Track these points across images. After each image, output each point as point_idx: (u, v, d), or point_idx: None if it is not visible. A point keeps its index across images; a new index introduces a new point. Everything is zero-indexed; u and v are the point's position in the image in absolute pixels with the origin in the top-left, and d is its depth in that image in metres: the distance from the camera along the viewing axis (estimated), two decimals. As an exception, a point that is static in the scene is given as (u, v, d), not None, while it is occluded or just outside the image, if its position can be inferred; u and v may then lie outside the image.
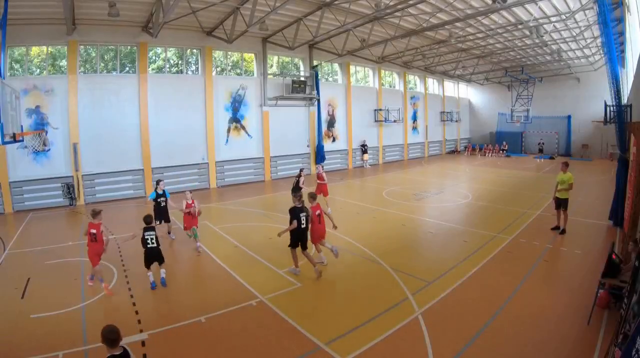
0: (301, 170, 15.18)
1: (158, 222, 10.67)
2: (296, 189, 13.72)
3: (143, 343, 6.03)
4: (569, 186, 11.24)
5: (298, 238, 8.66)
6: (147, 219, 8.32)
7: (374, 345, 5.90)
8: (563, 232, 11.46)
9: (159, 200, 11.26)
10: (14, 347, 5.90)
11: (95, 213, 8.17)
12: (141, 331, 6.38)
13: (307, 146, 25.42)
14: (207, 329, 6.48)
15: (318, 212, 9.00)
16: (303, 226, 8.64)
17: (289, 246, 8.74)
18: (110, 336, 3.78)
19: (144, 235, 8.17)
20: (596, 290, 6.67)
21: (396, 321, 6.57)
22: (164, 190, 11.36)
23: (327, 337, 6.13)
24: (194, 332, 6.35)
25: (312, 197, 9.20)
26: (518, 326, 6.37)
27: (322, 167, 15.13)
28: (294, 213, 8.58)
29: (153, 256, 8.23)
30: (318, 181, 14.56)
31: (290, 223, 8.52)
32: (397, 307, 7.10)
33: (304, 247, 8.74)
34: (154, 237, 8.19)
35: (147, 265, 8.24)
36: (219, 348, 5.98)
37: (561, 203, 11.42)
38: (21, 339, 6.14)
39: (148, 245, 8.16)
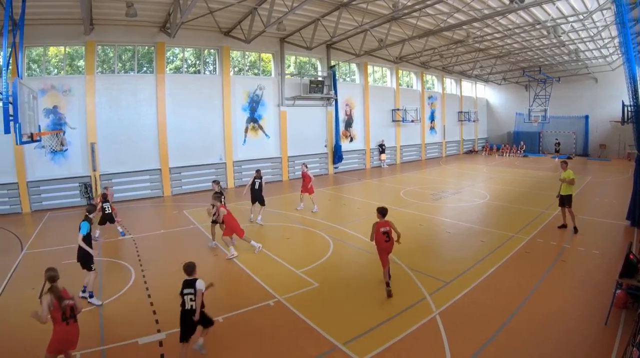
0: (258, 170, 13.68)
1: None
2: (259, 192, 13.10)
3: (160, 343, 5.95)
4: (570, 181, 11.37)
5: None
6: (102, 193, 12.18)
7: (392, 345, 5.86)
8: (575, 230, 11.32)
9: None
10: (31, 346, 5.85)
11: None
12: (159, 331, 6.30)
13: (325, 146, 25.23)
14: (225, 329, 6.37)
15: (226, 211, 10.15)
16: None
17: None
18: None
19: (102, 206, 11.41)
20: (613, 290, 6.59)
21: (414, 321, 6.50)
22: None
23: (344, 337, 6.07)
24: (212, 332, 6.18)
25: (217, 198, 10.27)
26: (535, 326, 6.28)
27: (307, 166, 15.03)
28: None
29: (109, 219, 11.50)
30: (304, 180, 14.71)
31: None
32: (415, 307, 7.03)
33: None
34: (109, 205, 11.48)
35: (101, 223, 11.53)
36: (236, 348, 5.88)
37: (564, 200, 11.47)
38: (38, 339, 6.05)
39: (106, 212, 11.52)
